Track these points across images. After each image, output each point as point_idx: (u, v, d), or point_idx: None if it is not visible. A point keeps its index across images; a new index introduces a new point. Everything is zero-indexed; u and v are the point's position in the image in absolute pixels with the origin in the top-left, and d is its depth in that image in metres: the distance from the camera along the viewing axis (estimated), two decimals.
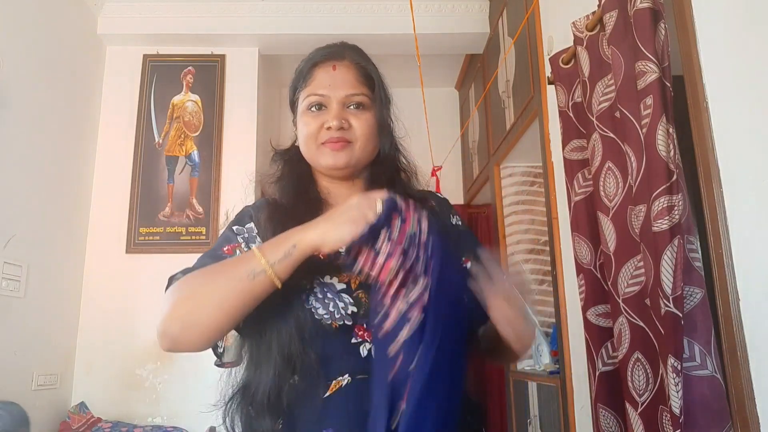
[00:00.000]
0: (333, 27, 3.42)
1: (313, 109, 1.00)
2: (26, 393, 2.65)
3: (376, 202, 0.80)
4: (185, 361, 3.02)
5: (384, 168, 1.04)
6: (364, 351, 0.88)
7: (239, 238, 0.97)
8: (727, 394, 1.22)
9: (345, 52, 1.04)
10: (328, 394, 0.86)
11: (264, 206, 1.01)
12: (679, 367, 1.23)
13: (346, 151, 0.98)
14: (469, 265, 0.97)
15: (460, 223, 1.08)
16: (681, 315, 1.25)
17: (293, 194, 1.01)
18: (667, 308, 1.26)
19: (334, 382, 0.87)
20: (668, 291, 1.26)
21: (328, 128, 0.97)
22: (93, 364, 3.07)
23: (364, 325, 0.88)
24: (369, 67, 1.04)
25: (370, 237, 0.77)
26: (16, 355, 2.56)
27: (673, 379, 1.23)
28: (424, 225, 0.80)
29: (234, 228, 0.98)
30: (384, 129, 1.03)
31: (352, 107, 1.00)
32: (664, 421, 1.35)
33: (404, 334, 0.76)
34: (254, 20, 3.45)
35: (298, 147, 1.05)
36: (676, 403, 1.22)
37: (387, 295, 0.78)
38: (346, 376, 0.87)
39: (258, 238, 0.97)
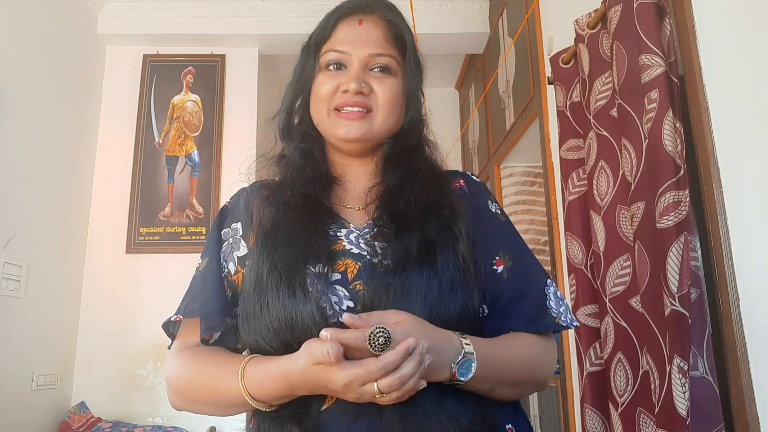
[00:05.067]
0: None
1: (331, 68, 0.86)
2: (26, 393, 2.64)
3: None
4: None
5: (406, 144, 0.89)
6: None
7: (224, 246, 0.86)
8: (728, 393, 1.21)
9: (375, 6, 0.89)
10: (325, 407, 0.72)
11: (260, 190, 0.87)
12: (686, 368, 1.21)
13: (364, 122, 0.84)
14: (500, 269, 0.84)
15: (499, 212, 0.90)
16: (688, 314, 1.23)
17: (299, 172, 0.86)
18: (673, 307, 1.24)
19: None
20: (674, 289, 1.25)
21: (345, 91, 0.83)
22: (93, 364, 3.07)
23: None
24: (402, 26, 0.89)
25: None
26: (16, 355, 2.56)
27: (680, 380, 1.21)
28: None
29: (222, 232, 0.87)
30: (412, 99, 0.89)
31: (376, 70, 0.85)
32: (640, 422, 1.35)
33: None
34: (254, 20, 3.44)
35: (308, 117, 0.90)
36: (682, 405, 1.20)
37: None
38: None
39: (242, 242, 0.85)
